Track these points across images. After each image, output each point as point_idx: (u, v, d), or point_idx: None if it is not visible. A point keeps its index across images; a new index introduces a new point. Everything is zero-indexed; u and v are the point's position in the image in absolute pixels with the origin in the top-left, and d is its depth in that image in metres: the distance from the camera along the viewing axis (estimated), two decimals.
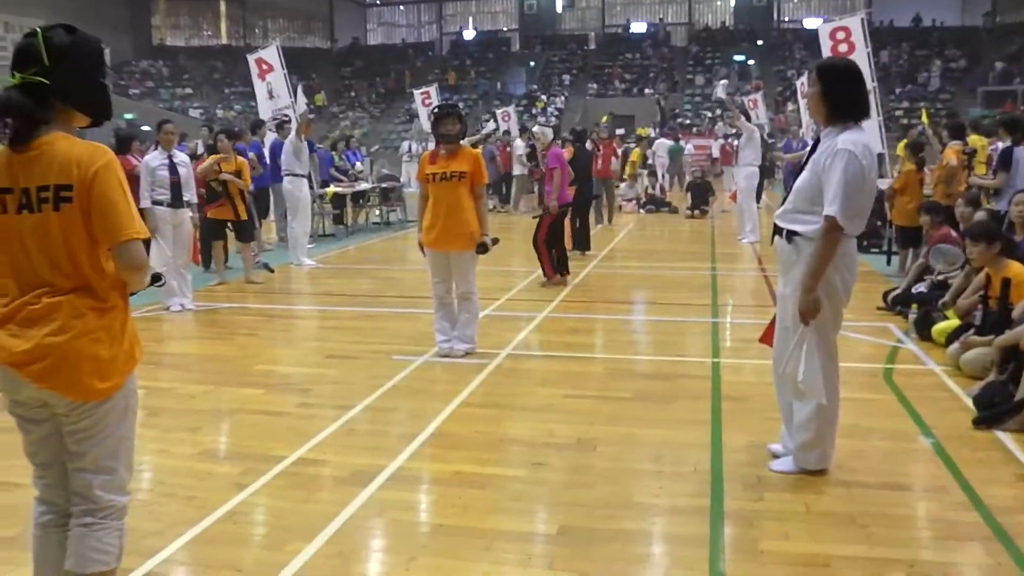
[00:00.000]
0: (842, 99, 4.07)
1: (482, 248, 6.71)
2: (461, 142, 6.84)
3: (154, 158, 8.93)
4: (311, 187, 13.30)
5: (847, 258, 4.07)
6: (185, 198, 8.93)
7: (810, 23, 42.85)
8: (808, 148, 4.41)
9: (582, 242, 12.48)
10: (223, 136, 11.03)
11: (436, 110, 6.88)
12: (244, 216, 10.52)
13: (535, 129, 12.70)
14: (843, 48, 12.21)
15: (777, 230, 4.26)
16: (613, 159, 16.42)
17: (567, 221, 11.02)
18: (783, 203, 4.29)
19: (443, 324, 6.89)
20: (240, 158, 10.90)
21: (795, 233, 4.12)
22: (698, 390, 5.83)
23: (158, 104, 40.36)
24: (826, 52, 12.10)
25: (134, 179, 10.48)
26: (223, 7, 50.07)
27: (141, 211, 8.78)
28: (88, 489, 2.74)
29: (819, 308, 3.97)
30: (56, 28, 2.58)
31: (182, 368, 6.94)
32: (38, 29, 2.55)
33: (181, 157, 9.13)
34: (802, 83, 19.62)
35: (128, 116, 37.36)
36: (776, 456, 4.49)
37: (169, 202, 8.78)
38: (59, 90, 2.56)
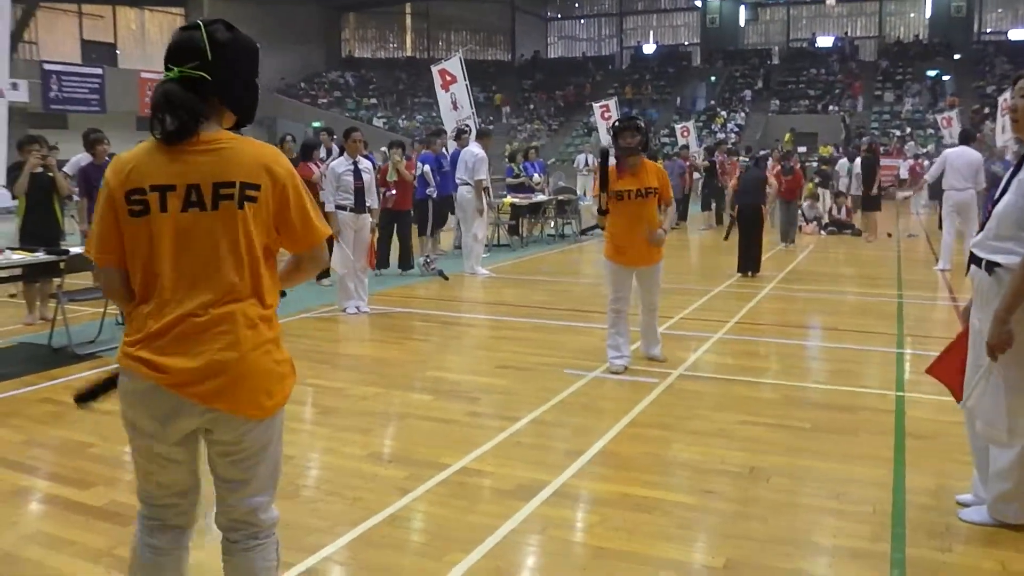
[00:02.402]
0: None
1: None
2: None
3: (340, 163, 9.23)
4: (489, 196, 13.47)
5: None
6: (367, 203, 9.19)
7: (1016, 34, 40.31)
8: (1010, 170, 4.03)
9: (750, 264, 12.09)
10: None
11: (616, 123, 6.81)
12: None
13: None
14: None
15: (974, 259, 3.91)
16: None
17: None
18: (981, 229, 3.94)
19: (618, 340, 6.78)
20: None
21: (996, 264, 3.76)
22: (880, 424, 5.49)
23: (344, 113, 42.03)
24: None
25: (311, 186, 10.94)
26: (408, 21, 51.75)
27: (326, 215, 9.20)
28: (253, 515, 2.61)
29: (1011, 342, 3.62)
30: (217, 23, 2.46)
31: (355, 369, 7.11)
32: (200, 23, 2.44)
33: (365, 164, 9.40)
34: (1004, 98, 18.41)
35: (316, 124, 39.09)
36: (965, 506, 4.15)
37: (352, 207, 9.06)
38: (219, 86, 2.44)
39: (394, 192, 12.00)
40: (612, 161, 6.66)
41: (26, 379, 6.73)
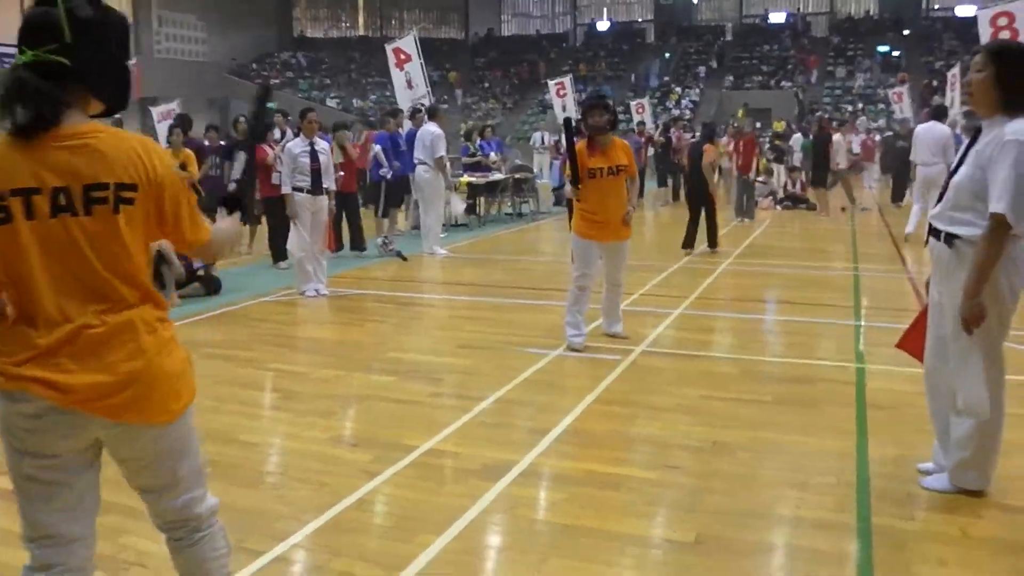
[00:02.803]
0: (1016, 85, 3.73)
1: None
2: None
3: (296, 145, 9.13)
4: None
5: (1016, 260, 3.74)
6: (324, 185, 9.10)
7: (963, 11, 40.77)
8: (965, 142, 4.07)
9: (691, 241, 12.07)
10: (177, 129, 11.32)
11: (585, 101, 6.86)
12: None
13: None
14: (1005, 35, 11.52)
15: (933, 232, 3.95)
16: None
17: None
18: (938, 202, 3.98)
19: (577, 318, 6.81)
20: (186, 150, 11.17)
21: (956, 236, 3.80)
22: (842, 396, 5.56)
23: (297, 94, 41.57)
24: (985, 40, 11.42)
25: (265, 168, 10.82)
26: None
27: (283, 197, 9.09)
28: (188, 510, 2.46)
29: (984, 315, 3.66)
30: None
31: (315, 352, 7.05)
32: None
33: (322, 145, 9.31)
34: (953, 74, 18.66)
35: (269, 105, 38.61)
36: (927, 474, 4.21)
37: (309, 189, 8.97)
38: (81, 72, 2.14)
39: (341, 173, 11.90)
40: (576, 139, 6.69)
41: None
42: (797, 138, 21.60)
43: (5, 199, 2.09)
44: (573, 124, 6.84)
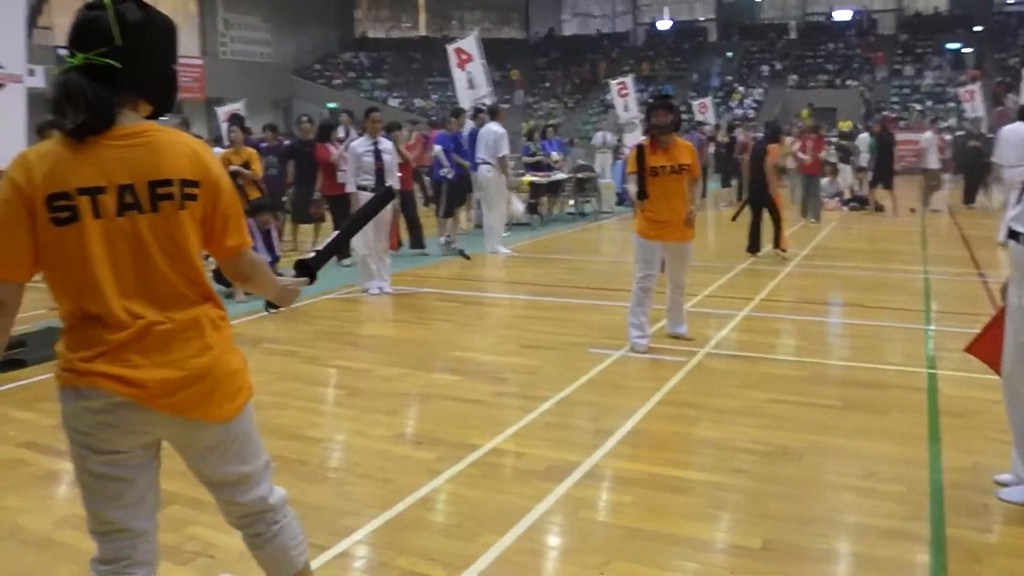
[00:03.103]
0: None
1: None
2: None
3: (360, 144, 9.20)
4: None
5: None
6: (388, 183, 9.16)
7: None
8: None
9: (756, 244, 11.74)
10: (237, 128, 11.39)
11: (650, 101, 6.85)
12: None
13: None
14: None
15: (1013, 234, 3.84)
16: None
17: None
18: (1018, 202, 3.87)
19: (642, 319, 6.76)
20: (249, 148, 11.21)
21: None
22: (912, 402, 5.43)
23: (359, 94, 41.95)
24: None
25: (328, 167, 10.95)
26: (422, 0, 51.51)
27: (347, 196, 9.18)
28: (261, 503, 2.52)
29: None
30: (129, 2, 2.16)
31: (379, 350, 7.10)
32: (106, 2, 2.13)
33: (385, 144, 9.36)
34: None
35: (331, 105, 39.07)
36: (1004, 485, 4.08)
37: (372, 187, 9.02)
38: (130, 74, 2.15)
39: (399, 174, 11.98)
40: (641, 139, 6.68)
41: (54, 364, 6.74)
42: (863, 138, 21.11)
43: (72, 198, 2.09)
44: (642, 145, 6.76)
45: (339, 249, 2.90)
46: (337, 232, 2.86)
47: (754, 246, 11.68)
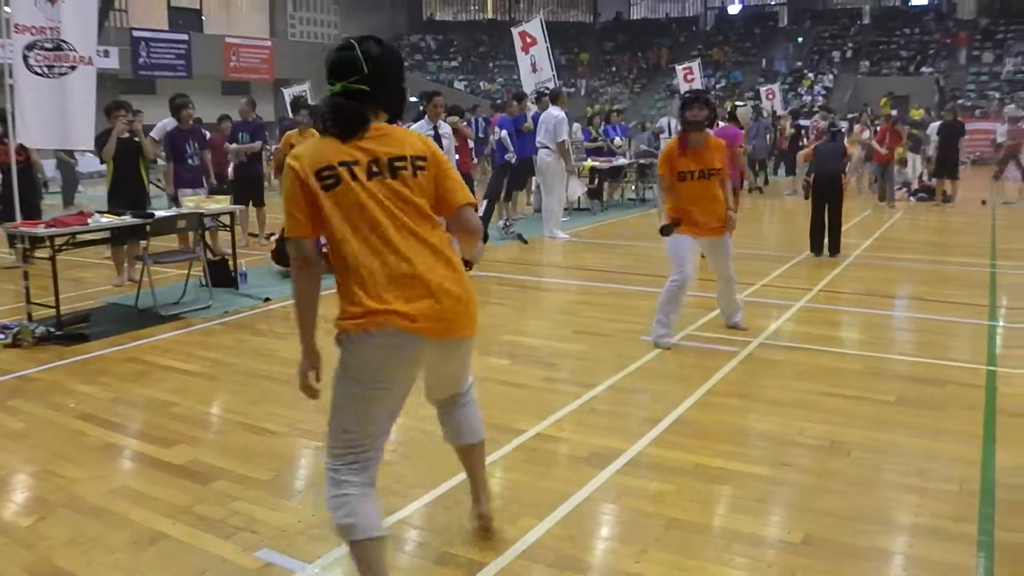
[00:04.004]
0: None
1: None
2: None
3: (421, 127, 9.26)
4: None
5: None
6: None
7: None
8: None
9: (821, 243, 10.78)
10: (304, 111, 11.55)
11: (686, 95, 6.64)
12: None
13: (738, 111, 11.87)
14: None
15: None
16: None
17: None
18: None
19: (670, 317, 6.53)
20: (313, 130, 11.17)
21: None
22: (970, 399, 5.30)
23: (426, 76, 42.11)
24: None
25: None
26: None
27: None
28: (464, 385, 3.41)
29: None
30: (368, 40, 2.89)
31: None
32: (353, 42, 2.87)
33: (445, 128, 9.40)
34: None
35: None
36: None
37: None
38: (375, 95, 2.86)
39: (456, 157, 12.02)
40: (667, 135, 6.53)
41: (114, 339, 6.94)
42: (935, 126, 20.56)
43: (335, 168, 2.76)
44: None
45: (489, 215, 3.68)
46: (486, 200, 3.34)
47: (818, 246, 10.81)
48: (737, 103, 14.13)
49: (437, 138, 9.15)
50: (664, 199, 6.67)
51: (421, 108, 9.73)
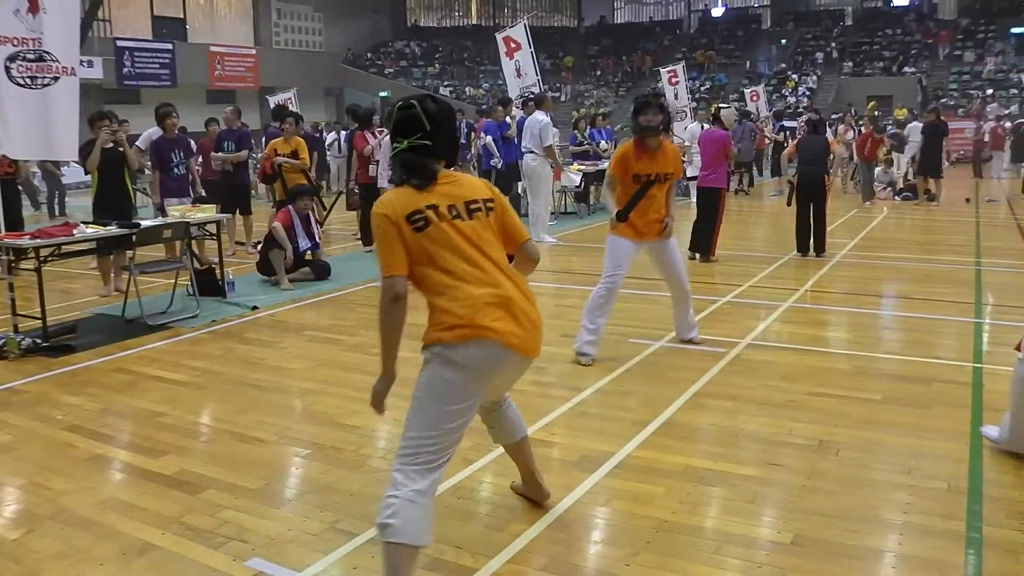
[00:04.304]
0: None
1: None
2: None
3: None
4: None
5: None
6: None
7: None
8: None
9: (806, 243, 10.90)
10: (291, 119, 11.54)
11: (639, 99, 6.53)
12: None
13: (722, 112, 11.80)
14: None
15: None
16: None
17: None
18: None
19: (598, 322, 6.30)
20: (297, 137, 11.30)
21: None
22: (957, 397, 5.33)
23: (411, 83, 42.09)
24: None
25: (364, 158, 10.99)
26: None
27: (380, 190, 9.20)
28: (509, 390, 3.72)
29: None
30: (426, 99, 3.23)
31: (420, 338, 7.10)
32: (414, 102, 3.20)
33: None
34: None
35: (383, 94, 39.24)
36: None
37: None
38: (436, 147, 3.18)
39: None
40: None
41: (101, 349, 6.91)
42: (914, 126, 20.60)
43: (422, 211, 3.07)
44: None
45: None
46: None
47: (803, 245, 10.91)
48: (721, 105, 14.16)
49: None
50: (611, 196, 6.42)
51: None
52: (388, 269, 3.10)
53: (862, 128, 19.21)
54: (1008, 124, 23.54)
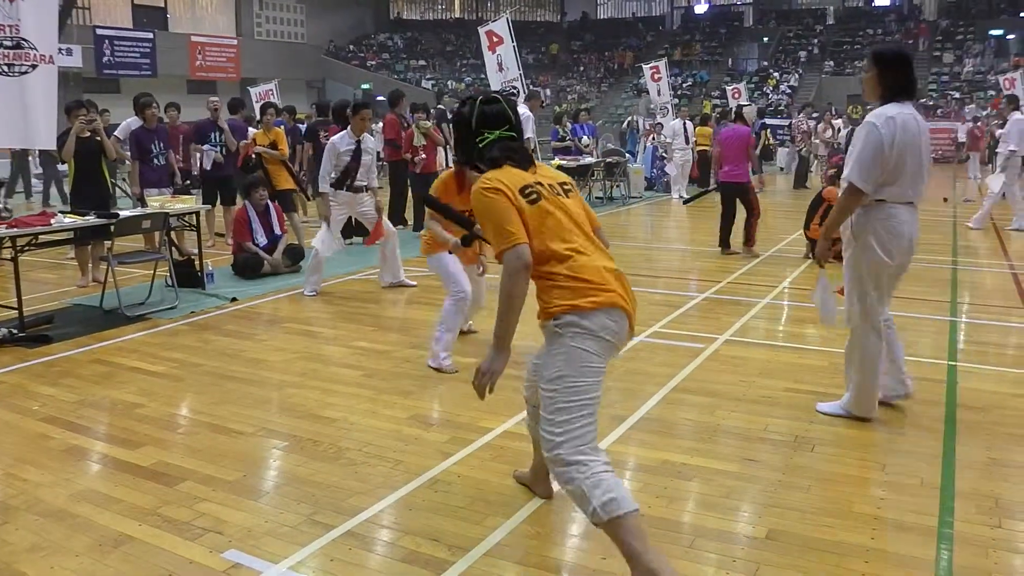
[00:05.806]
0: None
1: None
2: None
3: (341, 139, 8.42)
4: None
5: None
6: (364, 183, 8.66)
7: None
8: None
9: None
10: (271, 110, 11.63)
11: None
12: (286, 185, 11.28)
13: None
14: None
15: None
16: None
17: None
18: None
19: (454, 336, 6.19)
20: (277, 129, 11.44)
21: None
22: (931, 394, 5.38)
23: (393, 75, 42.01)
24: None
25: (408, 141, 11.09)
26: None
27: (319, 194, 8.80)
28: None
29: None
30: (501, 97, 3.51)
31: (399, 332, 7.12)
32: (499, 97, 3.50)
33: (368, 143, 8.57)
34: None
35: (365, 86, 39.14)
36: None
37: (348, 186, 8.54)
38: (518, 138, 3.45)
39: (423, 156, 12.02)
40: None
41: (79, 340, 6.87)
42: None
43: (532, 186, 3.22)
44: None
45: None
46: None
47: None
48: (742, 103, 14.37)
49: (359, 153, 8.39)
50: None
51: (349, 114, 8.77)
52: (512, 238, 3.10)
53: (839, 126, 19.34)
54: (981, 124, 23.74)
